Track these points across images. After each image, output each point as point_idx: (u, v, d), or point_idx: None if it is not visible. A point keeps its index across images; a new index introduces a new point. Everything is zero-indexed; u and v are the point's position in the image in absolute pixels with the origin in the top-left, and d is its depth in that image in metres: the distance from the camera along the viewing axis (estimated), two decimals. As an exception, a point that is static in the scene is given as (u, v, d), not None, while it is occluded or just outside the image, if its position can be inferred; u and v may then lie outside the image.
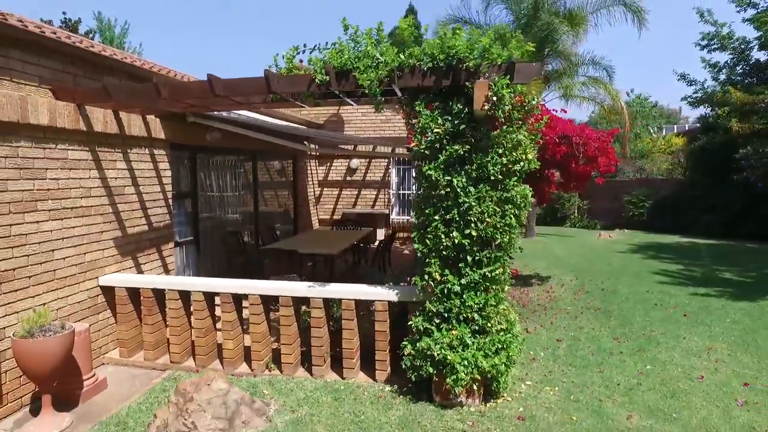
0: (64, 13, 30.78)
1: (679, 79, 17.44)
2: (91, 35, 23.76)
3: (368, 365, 4.65)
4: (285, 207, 10.94)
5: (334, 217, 12.08)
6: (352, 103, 4.77)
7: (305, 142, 9.27)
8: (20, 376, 4.09)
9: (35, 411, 4.06)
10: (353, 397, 4.18)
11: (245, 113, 6.53)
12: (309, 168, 11.80)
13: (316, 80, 3.96)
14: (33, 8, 52.05)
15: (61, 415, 3.97)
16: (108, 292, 5.05)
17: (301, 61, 4.30)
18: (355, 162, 11.84)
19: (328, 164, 12.15)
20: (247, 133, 6.35)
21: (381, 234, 11.49)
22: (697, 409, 3.99)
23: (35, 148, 4.24)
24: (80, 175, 4.74)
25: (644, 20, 14.00)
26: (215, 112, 6.00)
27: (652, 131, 27.01)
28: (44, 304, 4.30)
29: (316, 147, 10.72)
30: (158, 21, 54.61)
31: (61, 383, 4.06)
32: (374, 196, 11.89)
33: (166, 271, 6.05)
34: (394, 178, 11.80)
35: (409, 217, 11.65)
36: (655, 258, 11.40)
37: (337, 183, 12.14)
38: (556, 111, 7.56)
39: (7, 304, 4.00)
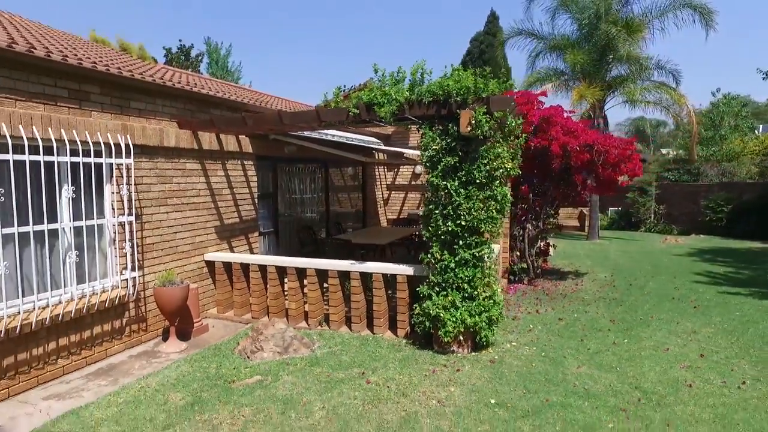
0: (180, 40, 35.39)
1: (764, 77, 16.98)
2: (200, 57, 27.56)
3: (394, 326, 6.20)
4: (355, 207, 12.77)
5: (401, 216, 13.72)
6: (384, 124, 6.36)
7: (374, 152, 10.98)
8: (157, 315, 6.15)
9: (165, 338, 6.09)
10: (376, 343, 5.76)
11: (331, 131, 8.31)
12: (378, 173, 13.55)
13: (351, 112, 5.62)
14: (154, 37, 59.58)
15: (180, 342, 5.96)
16: (210, 265, 7.06)
17: (345, 94, 5.98)
18: (419, 168, 13.38)
19: (396, 170, 13.83)
20: (311, 146, 8.18)
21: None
22: (642, 367, 5.07)
23: (166, 162, 6.30)
24: (193, 180, 6.79)
25: (712, 22, 14.16)
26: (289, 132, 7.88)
27: (745, 131, 25.62)
28: (170, 268, 6.35)
29: (385, 156, 12.46)
30: (256, 42, 60.24)
31: (180, 323, 6.06)
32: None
33: (251, 253, 8.02)
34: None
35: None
36: (709, 261, 11.73)
37: (403, 186, 13.77)
38: (580, 118, 8.59)
39: (150, 266, 6.07)
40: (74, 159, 5.11)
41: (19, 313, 4.63)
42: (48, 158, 4.83)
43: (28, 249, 4.77)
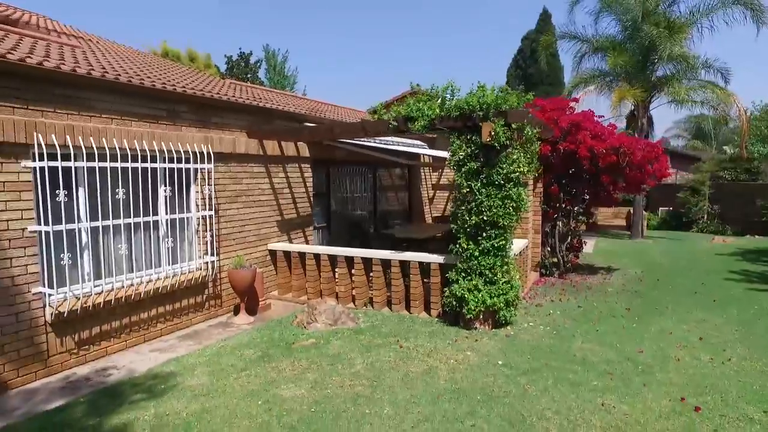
0: (239, 48, 37.76)
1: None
2: (259, 64, 29.54)
3: (428, 307, 7.28)
4: (402, 205, 13.91)
5: (445, 214, 14.74)
6: (418, 132, 7.46)
7: (418, 155, 12.04)
8: (230, 294, 7.53)
9: (236, 313, 7.46)
10: (411, 320, 6.87)
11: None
12: (423, 174, 14.64)
13: (390, 125, 6.75)
14: (215, 45, 63.21)
15: (248, 316, 7.31)
16: (272, 253, 8.40)
17: (387, 105, 7.11)
18: (461, 168, 14.39)
19: (440, 171, 14.87)
20: (360, 150, 9.38)
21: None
22: (640, 346, 5.90)
23: (238, 166, 7.67)
24: (259, 181, 8.14)
25: (762, 19, 14.26)
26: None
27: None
28: (240, 255, 7.71)
29: (429, 158, 13.52)
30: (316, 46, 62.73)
31: (248, 301, 7.41)
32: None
33: (307, 244, 9.31)
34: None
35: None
36: (751, 261, 12.04)
37: (447, 186, 14.78)
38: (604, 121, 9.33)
39: (224, 253, 7.45)
40: (169, 165, 6.54)
41: (132, 285, 6.08)
42: (152, 165, 6.26)
43: (137, 236, 6.23)
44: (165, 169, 6.54)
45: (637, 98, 15.04)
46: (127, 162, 5.94)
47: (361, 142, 8.67)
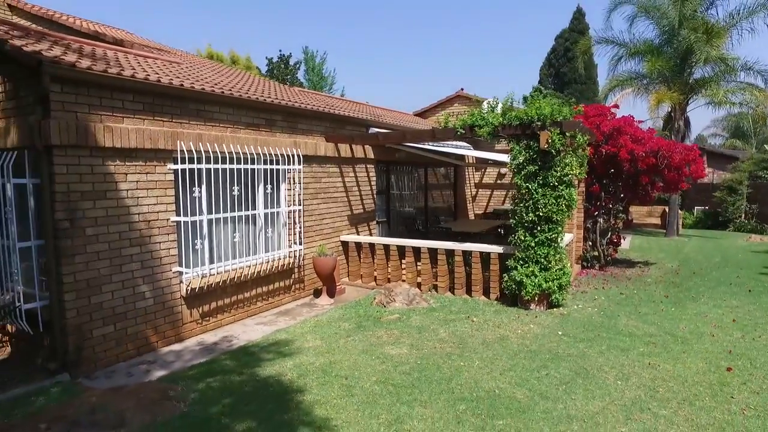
0: (280, 50, 39.27)
1: None
2: (298, 65, 30.92)
3: (487, 292, 8.40)
4: (447, 203, 15.03)
5: (487, 211, 15.81)
6: (481, 139, 8.57)
7: (465, 156, 13.16)
8: (310, 279, 8.77)
9: (316, 296, 8.70)
10: (473, 302, 8.00)
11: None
12: (467, 174, 15.74)
13: (458, 132, 7.88)
14: (251, 47, 65.11)
15: (329, 298, 8.53)
16: (344, 244, 9.61)
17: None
18: (504, 169, 15.43)
19: (483, 171, 15.95)
20: (417, 152, 10.53)
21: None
22: (679, 324, 6.91)
23: (318, 167, 8.89)
24: (334, 179, 9.36)
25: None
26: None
27: None
28: (320, 245, 8.95)
29: (473, 159, 14.60)
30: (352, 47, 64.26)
31: (328, 285, 8.64)
32: (517, 196, 15.38)
33: (370, 236, 10.51)
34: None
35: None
36: (784, 257, 12.80)
37: (489, 185, 15.85)
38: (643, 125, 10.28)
39: (306, 243, 8.69)
40: (268, 166, 7.79)
41: (238, 268, 7.35)
42: (255, 166, 7.52)
43: (242, 227, 7.50)
44: (264, 169, 7.79)
45: (674, 101, 15.83)
46: (237, 164, 7.22)
47: (419, 145, 9.83)
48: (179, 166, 6.43)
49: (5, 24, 6.69)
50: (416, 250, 8.95)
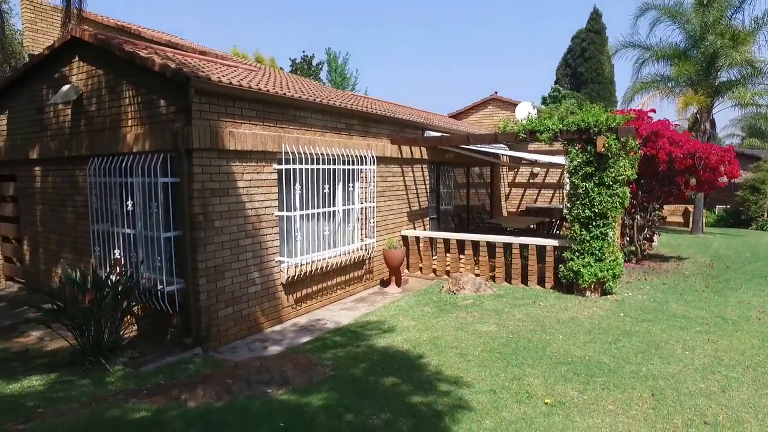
0: (303, 51, 40.18)
1: None
2: (320, 66, 31.82)
3: (541, 282, 9.28)
4: (482, 201, 15.91)
5: (519, 209, 16.69)
6: (538, 142, 9.45)
7: (501, 156, 14.06)
8: (378, 270, 9.66)
9: (383, 285, 9.59)
10: (531, 290, 8.87)
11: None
12: (501, 173, 16.62)
13: (519, 136, 8.77)
14: (277, 48, 66.06)
15: (396, 287, 9.42)
16: (404, 238, 10.51)
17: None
18: (537, 169, 16.32)
19: (516, 170, 16.84)
20: (466, 153, 11.42)
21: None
22: (725, 309, 7.76)
23: (384, 167, 9.78)
24: (396, 179, 10.26)
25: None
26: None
27: None
28: (386, 239, 9.83)
29: (507, 158, 15.49)
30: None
31: (396, 276, 9.53)
32: (551, 195, 16.24)
33: (425, 231, 11.40)
34: (567, 181, 15.92)
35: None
36: (809, 252, 13.64)
37: (522, 184, 16.74)
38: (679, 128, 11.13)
39: (378, 238, 9.58)
40: (346, 167, 8.68)
41: (325, 258, 8.25)
42: (337, 167, 8.41)
43: (326, 221, 8.40)
44: (344, 169, 8.69)
45: (702, 104, 16.66)
46: (324, 164, 8.12)
47: (474, 147, 10.73)
48: (283, 167, 7.34)
49: (130, 43, 7.61)
50: (475, 244, 9.83)
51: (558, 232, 13.20)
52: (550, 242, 9.05)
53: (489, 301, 8.02)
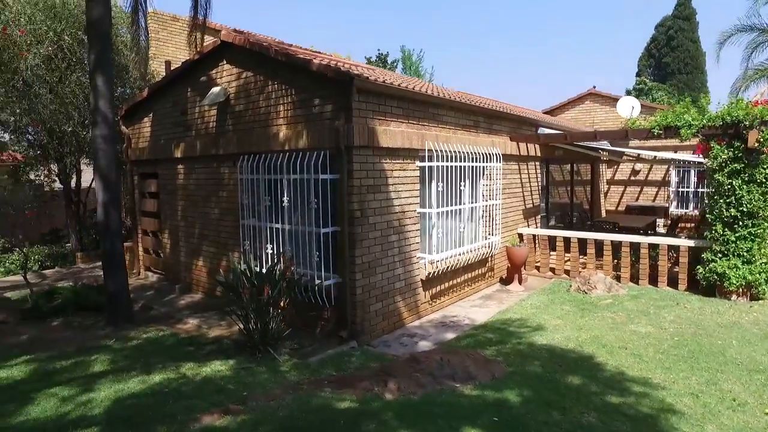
0: (378, 49, 40.50)
1: None
2: (395, 63, 31.96)
3: (671, 283, 8.95)
4: (580, 199, 15.54)
5: (619, 208, 16.20)
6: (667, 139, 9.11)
7: (601, 152, 13.69)
8: (498, 267, 9.63)
9: (503, 283, 9.54)
10: (664, 291, 8.55)
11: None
12: (600, 170, 16.17)
13: (655, 132, 8.49)
14: (352, 48, 67.24)
15: (518, 285, 9.35)
16: (520, 236, 10.41)
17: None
18: (638, 166, 15.76)
19: (615, 167, 16.33)
20: (574, 149, 11.17)
21: (659, 222, 15.20)
22: None
23: (505, 164, 9.72)
24: (514, 176, 10.17)
25: None
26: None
27: None
28: (514, 235, 9.78)
29: (606, 154, 15.05)
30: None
31: (519, 274, 9.46)
32: (655, 192, 15.64)
33: (537, 228, 11.27)
34: (674, 179, 15.30)
35: (687, 210, 15.01)
36: None
37: (621, 182, 16.22)
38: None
39: (502, 235, 9.55)
40: (475, 164, 8.68)
41: (456, 255, 8.29)
42: (466, 164, 8.42)
43: (456, 219, 8.44)
44: (473, 167, 8.70)
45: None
46: (456, 161, 8.16)
47: (590, 144, 10.48)
48: (425, 164, 7.44)
49: (279, 45, 7.91)
50: (598, 243, 9.62)
51: (673, 231, 12.70)
52: (685, 242, 8.72)
53: (627, 302, 7.82)
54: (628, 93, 30.33)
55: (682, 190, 15.29)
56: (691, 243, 8.65)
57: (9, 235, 9.49)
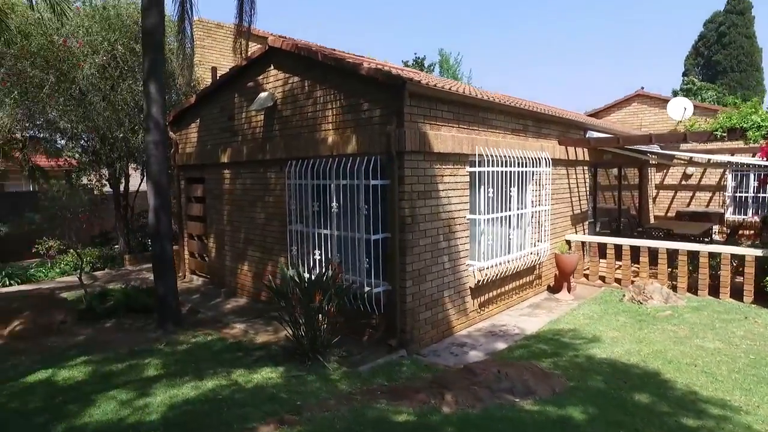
0: (415, 53, 40.52)
1: None
2: (432, 67, 31.79)
3: (735, 294, 8.48)
4: (627, 204, 15.03)
5: (668, 214, 15.59)
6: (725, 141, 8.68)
7: (648, 155, 13.20)
8: (546, 274, 9.35)
9: (551, 291, 9.24)
10: (728, 303, 8.10)
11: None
12: (649, 174, 15.62)
13: (717, 134, 8.08)
14: (389, 51, 67.59)
15: (567, 294, 9.05)
16: (567, 243, 10.09)
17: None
18: (690, 169, 15.14)
19: (665, 171, 15.73)
20: (623, 152, 10.77)
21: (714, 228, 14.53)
22: None
23: (554, 169, 9.42)
24: (562, 181, 9.87)
25: None
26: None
27: None
28: (563, 242, 9.48)
29: (656, 158, 14.52)
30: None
31: (568, 282, 9.15)
32: (708, 198, 14.99)
33: (585, 235, 10.92)
34: (730, 183, 14.60)
35: (746, 216, 14.30)
36: None
37: (672, 186, 15.61)
38: None
39: (551, 241, 9.26)
40: (524, 169, 8.44)
41: (504, 263, 8.07)
42: (515, 169, 8.19)
43: (504, 225, 8.22)
44: (522, 172, 8.46)
45: None
46: (506, 167, 7.95)
47: (642, 148, 10.10)
48: (476, 169, 7.26)
49: (326, 50, 7.88)
50: (653, 251, 9.23)
51: (733, 239, 12.12)
52: (751, 251, 8.26)
53: (688, 314, 7.45)
54: (675, 93, 29.30)
55: (740, 195, 14.58)
56: (759, 252, 8.19)
57: (66, 238, 9.78)
